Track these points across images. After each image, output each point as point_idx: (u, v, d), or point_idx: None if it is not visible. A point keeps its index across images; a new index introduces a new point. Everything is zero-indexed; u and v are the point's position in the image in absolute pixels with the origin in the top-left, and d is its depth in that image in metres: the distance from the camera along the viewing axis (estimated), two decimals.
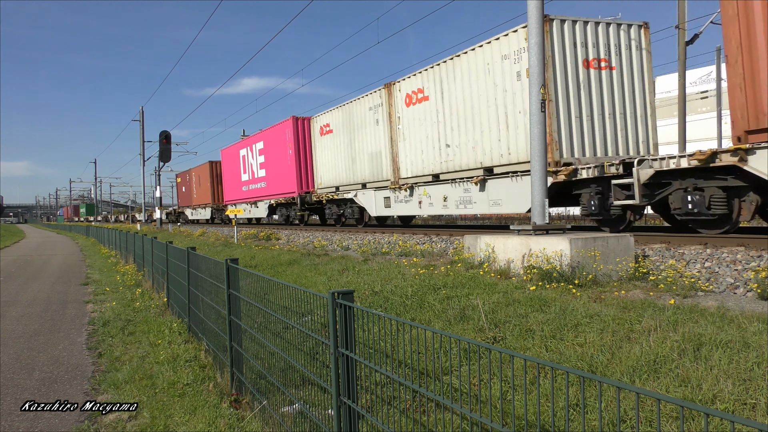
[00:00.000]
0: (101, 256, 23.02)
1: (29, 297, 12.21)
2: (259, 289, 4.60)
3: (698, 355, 4.37)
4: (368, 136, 20.28)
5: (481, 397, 3.95)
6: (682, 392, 3.92)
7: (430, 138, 16.76)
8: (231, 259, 5.25)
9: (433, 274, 8.71)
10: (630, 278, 7.64)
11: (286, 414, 4.09)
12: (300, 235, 20.78)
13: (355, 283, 9.02)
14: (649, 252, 8.88)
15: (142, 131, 46.03)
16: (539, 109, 9.49)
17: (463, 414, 3.15)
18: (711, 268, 7.61)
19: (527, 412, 3.62)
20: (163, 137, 37.69)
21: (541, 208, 9.50)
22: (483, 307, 6.32)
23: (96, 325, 8.88)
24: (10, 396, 5.65)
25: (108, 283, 13.83)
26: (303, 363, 3.79)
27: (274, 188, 28.73)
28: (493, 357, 4.44)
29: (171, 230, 36.83)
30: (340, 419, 3.11)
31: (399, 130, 18.25)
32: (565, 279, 7.32)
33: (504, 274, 8.35)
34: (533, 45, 9.60)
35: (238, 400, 5.06)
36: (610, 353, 4.69)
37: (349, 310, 3.03)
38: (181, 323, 8.00)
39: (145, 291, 11.76)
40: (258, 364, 4.62)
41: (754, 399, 3.70)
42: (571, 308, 5.91)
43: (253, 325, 4.75)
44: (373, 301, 7.66)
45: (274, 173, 28.51)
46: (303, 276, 10.75)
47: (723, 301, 6.09)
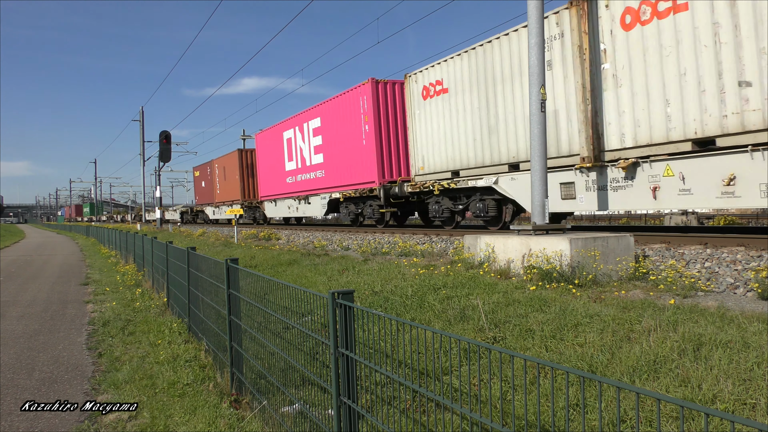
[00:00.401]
0: (101, 256, 23.02)
1: (29, 297, 12.21)
2: (259, 289, 4.60)
3: (698, 355, 4.37)
4: (525, 90, 12.65)
5: (481, 397, 3.95)
6: (682, 392, 3.92)
7: (692, 73, 9.48)
8: (231, 259, 5.25)
9: (433, 274, 8.71)
10: (630, 278, 7.64)
11: (286, 414, 4.09)
12: (300, 235, 20.78)
13: (355, 283, 9.02)
14: (649, 252, 8.88)
15: (142, 131, 46.06)
16: (539, 109, 9.49)
17: (463, 414, 3.15)
18: (711, 268, 7.61)
19: (527, 412, 3.62)
20: (163, 137, 37.70)
21: (541, 208, 9.51)
22: (483, 307, 6.32)
23: (96, 325, 8.88)
24: (10, 396, 5.65)
25: (108, 283, 13.83)
26: (303, 363, 3.79)
27: (337, 178, 21.75)
28: (493, 357, 4.44)
29: (171, 230, 36.82)
30: (340, 419, 3.11)
31: (605, 70, 10.97)
32: (565, 279, 7.32)
33: (504, 274, 8.35)
34: (533, 45, 9.60)
35: (238, 400, 5.06)
36: (610, 353, 4.69)
37: (349, 310, 3.03)
38: (181, 323, 8.00)
39: (145, 291, 11.76)
40: (258, 364, 4.62)
41: (754, 399, 3.70)
42: (571, 308, 5.91)
43: (253, 325, 4.75)
44: (373, 301, 7.66)
45: (338, 158, 21.52)
46: (303, 276, 10.75)
47: (723, 301, 6.08)
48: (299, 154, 25.38)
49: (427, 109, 16.48)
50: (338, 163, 21.55)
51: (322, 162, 23.08)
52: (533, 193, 9.63)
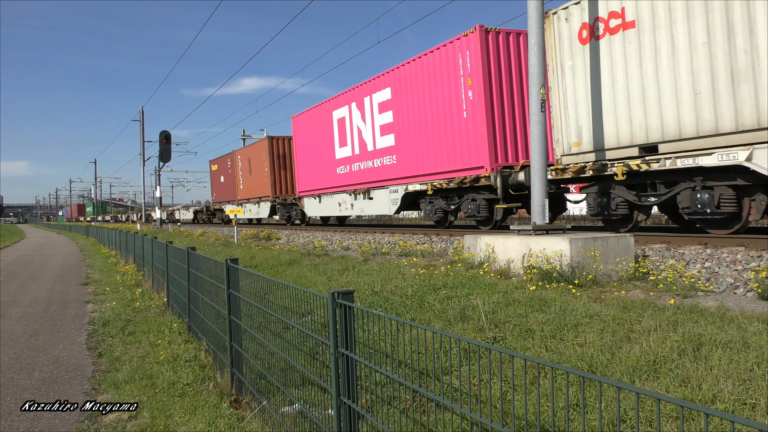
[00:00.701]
0: (101, 256, 23.02)
1: (29, 297, 12.20)
2: (259, 289, 4.60)
3: (698, 355, 4.37)
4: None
5: (481, 397, 3.95)
6: (682, 392, 3.92)
7: None
8: (231, 259, 5.25)
9: (433, 274, 8.71)
10: (630, 278, 7.65)
11: (286, 414, 4.09)
12: (300, 235, 20.77)
13: (355, 283, 9.03)
14: (649, 252, 8.88)
15: (142, 131, 46.07)
16: (539, 109, 9.50)
17: (463, 414, 3.15)
18: (711, 268, 7.61)
19: (527, 412, 3.63)
20: (163, 137, 37.69)
21: (541, 208, 9.51)
22: (483, 307, 6.32)
23: (96, 325, 8.88)
24: (10, 396, 5.65)
25: (108, 283, 13.83)
26: (303, 363, 3.79)
27: (417, 165, 16.87)
28: (493, 357, 4.44)
29: (171, 230, 36.82)
30: (340, 419, 3.11)
31: None
32: (565, 279, 7.33)
33: (504, 274, 8.35)
34: (533, 45, 9.61)
35: (238, 400, 5.06)
36: (610, 353, 4.69)
37: (349, 310, 3.03)
38: (181, 323, 8.00)
39: (145, 291, 11.76)
40: (258, 364, 4.63)
41: (754, 399, 3.70)
42: (571, 308, 5.91)
43: (253, 325, 4.75)
44: (373, 301, 7.66)
45: (419, 139, 16.69)
46: (303, 276, 10.75)
47: (723, 301, 6.09)
48: (357, 137, 20.29)
49: (590, 57, 11.35)
50: (420, 145, 16.66)
51: (392, 145, 18.08)
52: (533, 192, 9.63)
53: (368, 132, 19.49)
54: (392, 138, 18.12)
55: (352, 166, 20.82)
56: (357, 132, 20.27)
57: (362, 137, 19.97)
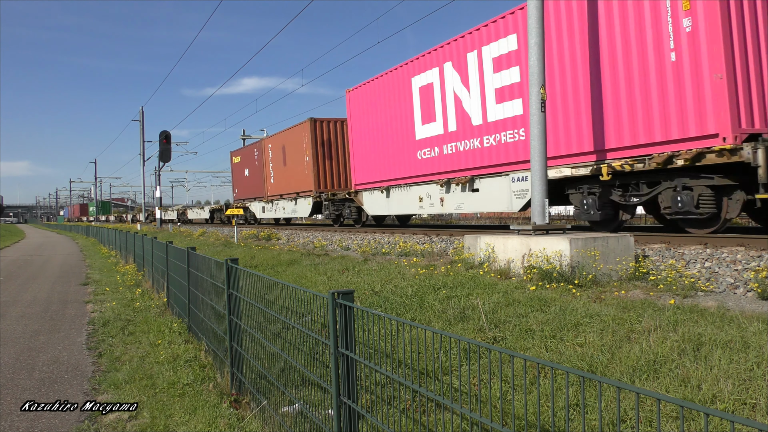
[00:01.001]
0: (101, 256, 23.02)
1: (29, 297, 12.21)
2: (259, 289, 4.60)
3: (698, 355, 4.37)
4: None
5: (481, 397, 3.95)
6: (682, 392, 3.92)
7: None
8: (231, 259, 5.25)
9: (433, 274, 8.71)
10: (630, 278, 7.65)
11: (286, 414, 4.09)
12: (300, 235, 20.78)
13: (355, 283, 9.03)
14: (649, 252, 8.88)
15: (142, 131, 46.07)
16: (539, 109, 9.50)
17: (463, 414, 3.15)
18: (711, 268, 7.61)
19: (527, 412, 3.62)
20: (163, 137, 37.71)
21: (541, 208, 9.51)
22: (483, 307, 6.32)
23: (96, 325, 8.88)
24: (10, 396, 5.65)
25: (108, 283, 13.83)
26: (303, 363, 3.79)
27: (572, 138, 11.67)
28: (493, 357, 4.44)
29: (171, 230, 36.83)
30: (340, 419, 3.11)
31: None
32: (565, 279, 7.33)
33: (504, 274, 8.35)
34: (533, 45, 9.61)
35: (238, 400, 5.06)
36: (610, 353, 4.69)
37: (349, 310, 3.03)
38: (181, 323, 8.00)
39: (145, 291, 11.76)
40: (258, 364, 4.63)
41: (754, 399, 3.70)
42: (571, 308, 5.91)
43: (253, 325, 4.76)
44: (373, 301, 7.66)
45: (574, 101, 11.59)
46: (303, 276, 10.76)
47: (723, 301, 6.09)
48: (452, 108, 15.27)
49: None
50: (573, 110, 11.66)
51: (519, 115, 13.02)
52: (533, 192, 9.63)
53: (474, 100, 14.44)
54: (518, 104, 13.02)
55: (443, 148, 15.78)
56: (454, 101, 15.24)
57: (462, 108, 14.90)
